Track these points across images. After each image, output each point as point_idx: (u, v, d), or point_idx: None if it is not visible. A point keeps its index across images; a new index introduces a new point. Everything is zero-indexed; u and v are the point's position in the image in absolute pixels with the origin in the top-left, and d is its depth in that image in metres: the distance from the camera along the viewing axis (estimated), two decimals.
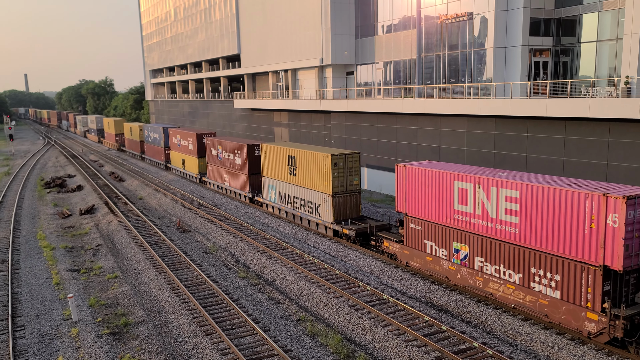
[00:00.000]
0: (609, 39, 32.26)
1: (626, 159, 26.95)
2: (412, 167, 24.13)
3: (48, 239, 35.49)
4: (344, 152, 30.60)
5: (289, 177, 34.50)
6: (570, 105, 28.21)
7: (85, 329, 20.92)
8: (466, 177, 21.28)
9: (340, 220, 30.85)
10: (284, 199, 35.89)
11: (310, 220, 32.98)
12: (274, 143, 37.84)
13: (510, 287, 19.98)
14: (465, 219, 21.57)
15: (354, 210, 31.22)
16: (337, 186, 30.39)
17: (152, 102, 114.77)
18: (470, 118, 35.57)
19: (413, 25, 43.02)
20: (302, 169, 32.89)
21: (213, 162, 47.36)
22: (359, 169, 30.85)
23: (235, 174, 42.95)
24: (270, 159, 36.85)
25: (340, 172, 30.27)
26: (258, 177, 40.87)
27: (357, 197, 31.17)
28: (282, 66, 59.41)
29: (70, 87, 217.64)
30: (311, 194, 32.32)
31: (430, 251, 23.69)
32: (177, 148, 57.50)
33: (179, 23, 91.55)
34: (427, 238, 23.77)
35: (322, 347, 19.02)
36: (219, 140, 45.52)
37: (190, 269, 27.87)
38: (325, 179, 30.61)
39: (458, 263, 22.25)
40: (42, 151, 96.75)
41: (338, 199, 30.56)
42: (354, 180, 30.78)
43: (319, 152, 31.29)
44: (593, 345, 17.63)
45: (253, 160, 40.54)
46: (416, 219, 24.22)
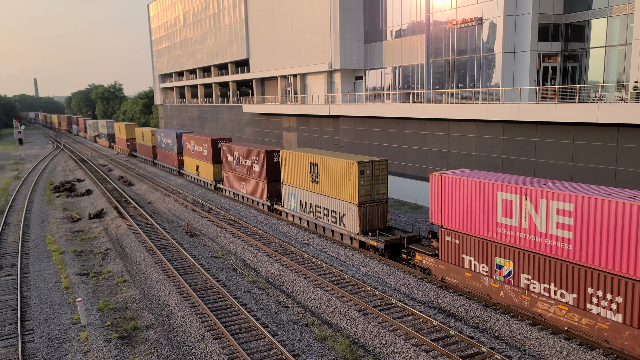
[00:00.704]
0: (618, 45, 32.14)
1: (635, 164, 26.79)
2: (448, 176, 22.54)
3: (57, 243, 35.76)
4: (370, 159, 29.04)
5: (311, 185, 33.10)
6: (578, 110, 28.11)
7: (94, 333, 21.05)
8: (511, 187, 19.71)
9: (366, 230, 29.26)
10: (305, 208, 34.45)
11: (334, 230, 31.49)
12: (295, 149, 36.48)
13: (562, 308, 18.44)
14: (510, 233, 20.03)
15: (381, 221, 29.65)
16: (364, 195, 28.83)
17: (161, 106, 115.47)
18: (479, 123, 35.51)
19: (422, 30, 43.06)
20: (325, 177, 31.51)
21: (229, 169, 46.15)
22: (386, 176, 29.32)
23: (253, 181, 41.61)
24: (290, 166, 35.43)
25: (367, 180, 28.73)
26: (277, 185, 39.40)
27: (384, 207, 29.60)
28: (291, 71, 59.62)
29: (80, 92, 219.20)
30: (335, 203, 30.88)
31: (469, 266, 22.08)
32: (191, 154, 56.32)
33: (188, 28, 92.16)
34: (465, 252, 22.15)
35: (330, 351, 19.03)
36: (236, 146, 44.18)
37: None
38: (350, 188, 29.14)
39: (501, 280, 20.65)
40: (51, 155, 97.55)
41: (364, 208, 28.98)
42: (381, 189, 29.18)
43: (344, 159, 29.81)
44: (602, 350, 17.52)
45: (272, 167, 39.08)
46: (453, 232, 22.62)
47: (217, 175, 50.62)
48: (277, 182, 39.33)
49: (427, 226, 33.90)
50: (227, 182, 47.14)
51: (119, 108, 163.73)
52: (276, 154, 39.04)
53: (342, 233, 30.87)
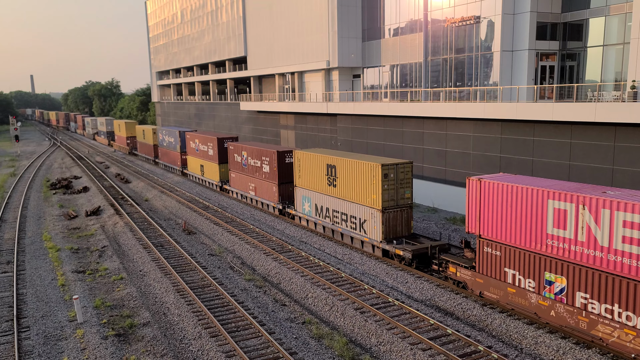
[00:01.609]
0: (616, 44, 32.16)
1: (632, 164, 26.84)
2: (488, 181, 20.66)
3: (53, 240, 35.66)
4: (394, 162, 27.17)
5: (328, 189, 31.14)
6: (576, 109, 28.13)
7: (91, 331, 21.00)
8: (565, 195, 17.87)
9: (390, 238, 27.34)
10: (321, 213, 32.41)
11: (354, 237, 29.57)
12: (310, 150, 34.32)
13: (629, 333, 16.54)
14: (563, 246, 18.17)
15: (405, 227, 27.76)
16: (387, 200, 26.93)
17: (158, 103, 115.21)
18: (477, 122, 35.52)
19: (420, 28, 43.03)
20: (344, 180, 29.58)
21: (236, 169, 44.03)
22: (411, 180, 27.45)
23: (263, 183, 39.51)
24: (304, 168, 33.47)
25: (391, 184, 26.87)
26: (288, 187, 37.36)
27: (409, 212, 27.73)
28: (289, 69, 59.53)
29: (77, 89, 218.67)
30: (355, 207, 28.96)
31: (512, 281, 20.20)
32: (195, 153, 54.08)
33: (185, 25, 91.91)
34: (508, 265, 20.28)
35: (328, 349, 19.02)
36: (244, 146, 41.99)
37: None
38: (373, 192, 27.25)
39: (551, 297, 18.82)
40: (47, 152, 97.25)
41: (388, 214, 27.07)
42: (405, 193, 27.32)
43: (365, 161, 27.79)
44: (598, 349, 17.54)
45: (283, 168, 37.03)
46: (494, 243, 20.71)
47: (224, 175, 48.63)
48: (289, 185, 37.36)
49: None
50: (234, 183, 45.15)
51: (116, 105, 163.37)
52: (288, 155, 37.16)
53: (362, 240, 28.99)
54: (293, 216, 36.72)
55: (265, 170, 38.95)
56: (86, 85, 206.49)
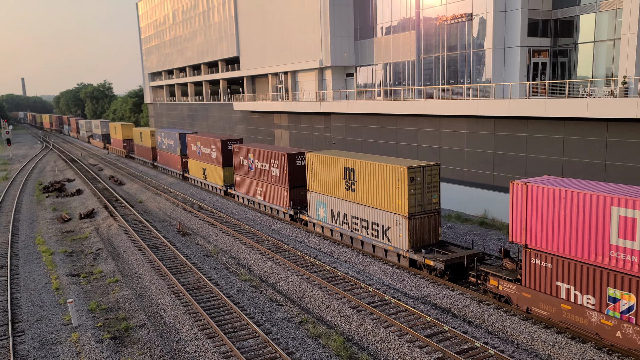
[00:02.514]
0: (607, 40, 32.33)
1: (624, 159, 27.00)
2: (537, 185, 18.74)
3: (47, 243, 35.46)
4: (421, 164, 25.24)
5: (346, 193, 29.22)
6: (568, 105, 28.26)
7: (86, 334, 20.89)
8: (634, 202, 15.89)
9: (417, 246, 25.36)
10: (337, 219, 30.46)
11: (376, 245, 27.63)
12: (324, 152, 32.27)
13: None
14: (632, 259, 16.28)
15: (433, 235, 25.74)
16: (414, 205, 24.95)
17: (151, 105, 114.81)
18: (470, 119, 35.61)
19: (412, 26, 43.08)
20: (364, 184, 27.62)
21: (242, 173, 41.91)
22: (438, 183, 25.56)
23: (272, 187, 37.43)
24: (319, 171, 31.52)
25: (418, 188, 24.88)
26: (300, 191, 35.32)
27: (437, 218, 25.74)
28: (282, 68, 59.47)
29: (68, 91, 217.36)
30: (377, 214, 27.02)
31: (566, 297, 18.29)
32: (197, 156, 51.72)
33: (177, 26, 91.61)
34: (562, 279, 18.38)
35: (325, 348, 19.02)
36: (251, 148, 39.92)
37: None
38: (398, 197, 25.29)
39: (617, 317, 16.84)
40: (40, 155, 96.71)
41: (415, 221, 25.06)
42: (432, 198, 25.41)
43: (388, 163, 25.89)
44: (593, 344, 17.64)
45: (295, 171, 35.10)
46: (543, 254, 18.82)
47: (228, 179, 46.26)
48: (301, 189, 35.27)
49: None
50: (239, 187, 43.05)
51: (109, 107, 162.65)
52: (300, 157, 35.27)
53: (386, 249, 26.96)
54: (306, 222, 34.82)
55: (274, 174, 36.93)
56: (78, 87, 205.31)
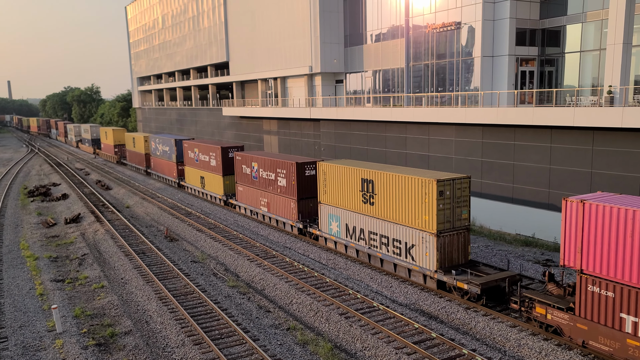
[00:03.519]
0: (593, 50, 32.78)
1: (610, 167, 27.31)
2: (597, 203, 16.78)
3: (31, 248, 34.99)
4: (450, 176, 23.27)
5: (363, 207, 27.19)
6: (555, 113, 28.57)
7: (70, 340, 20.60)
8: None
9: (445, 266, 23.32)
10: (353, 234, 28.40)
11: (398, 264, 25.46)
12: (338, 162, 30.30)
13: None
14: None
15: (462, 254, 23.73)
16: (443, 222, 22.95)
17: (139, 109, 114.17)
18: (459, 126, 35.84)
19: (401, 34, 43.35)
20: (384, 197, 25.58)
21: (245, 182, 39.56)
22: (468, 197, 23.65)
23: (278, 198, 35.23)
24: (332, 182, 29.44)
25: (447, 202, 22.93)
26: (309, 203, 33.29)
27: (466, 236, 23.77)
28: (271, 74, 59.48)
29: (55, 94, 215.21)
30: (399, 230, 24.98)
31: (633, 331, 16.30)
32: (195, 164, 49.28)
33: (166, 30, 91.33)
34: (627, 311, 16.39)
35: (313, 355, 18.93)
36: (255, 156, 37.67)
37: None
38: (424, 212, 23.30)
39: None
40: (25, 159, 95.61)
41: (443, 238, 23.04)
42: (462, 214, 23.53)
43: (414, 175, 23.94)
44: (579, 350, 17.74)
45: (304, 181, 33.00)
46: (604, 280, 16.88)
47: (228, 188, 43.92)
48: (310, 200, 33.26)
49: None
50: (242, 197, 40.66)
51: (96, 111, 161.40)
52: (309, 167, 33.16)
53: (410, 268, 24.83)
54: (316, 237, 32.59)
55: (281, 184, 34.67)
56: (65, 90, 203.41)
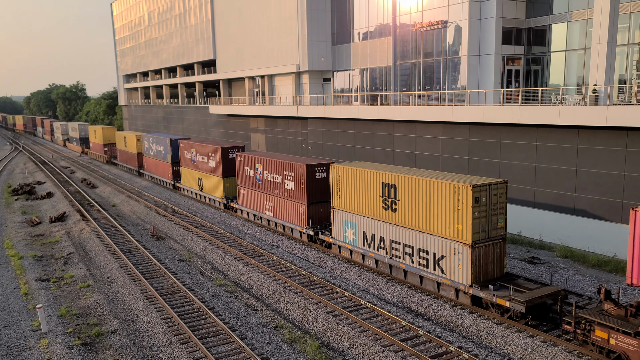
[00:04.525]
0: (578, 49, 33.14)
1: (594, 165, 27.64)
2: None
3: (16, 247, 34.56)
4: (486, 181, 21.21)
5: (384, 213, 25.09)
6: (541, 112, 28.83)
7: (56, 340, 20.40)
8: None
9: (480, 280, 21.32)
10: (372, 243, 26.28)
11: (424, 277, 23.34)
12: (354, 164, 28.39)
13: None
14: None
15: (498, 266, 21.72)
16: (478, 231, 20.97)
17: (125, 107, 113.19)
18: (445, 125, 36.03)
19: (389, 32, 43.46)
20: (409, 203, 23.48)
21: (248, 185, 37.45)
22: (505, 204, 21.66)
23: (285, 203, 33.17)
24: (347, 186, 27.35)
25: (483, 210, 20.96)
26: (319, 208, 31.38)
27: (502, 246, 21.77)
28: (259, 72, 59.30)
29: (40, 92, 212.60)
30: (426, 239, 22.90)
31: None
32: (192, 164, 46.91)
33: (153, 28, 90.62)
34: None
35: (300, 353, 18.93)
36: (259, 158, 35.59)
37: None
38: (457, 220, 21.26)
39: None
40: (9, 157, 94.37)
41: (479, 250, 21.06)
42: (498, 222, 21.59)
43: (445, 180, 21.78)
44: (564, 347, 17.95)
45: (314, 185, 31.10)
46: None
47: (229, 191, 41.63)
48: (321, 205, 31.35)
49: None
50: (244, 201, 38.43)
51: (82, 109, 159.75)
52: (320, 169, 31.16)
53: (439, 282, 22.72)
54: (329, 244, 30.45)
55: (288, 188, 32.69)
56: (49, 88, 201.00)
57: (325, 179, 31.14)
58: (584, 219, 28.47)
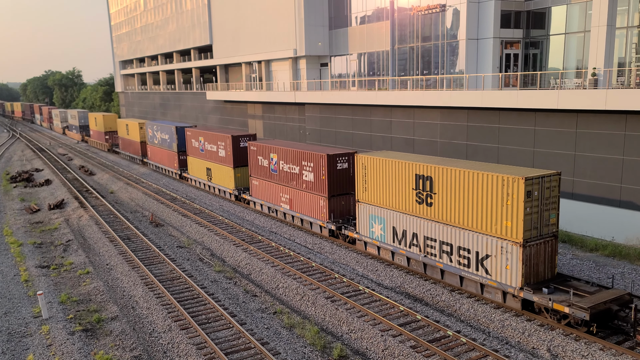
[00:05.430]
0: (577, 32, 32.90)
1: (593, 150, 27.63)
2: None
3: (15, 234, 34.60)
4: (539, 173, 19.38)
5: (417, 208, 23.19)
6: (539, 96, 28.73)
7: (57, 326, 20.52)
8: None
9: (531, 282, 19.54)
10: (403, 239, 24.38)
11: (465, 277, 21.55)
12: (382, 154, 26.20)
13: None
14: None
15: (549, 266, 20.10)
16: (530, 228, 19.20)
17: (122, 93, 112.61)
18: (443, 110, 35.92)
19: (386, 16, 43.09)
20: (447, 197, 21.63)
21: (261, 176, 35.69)
22: (558, 198, 19.96)
23: (303, 195, 31.35)
24: (375, 178, 25.45)
25: (535, 205, 19.19)
26: (341, 201, 29.60)
27: (554, 245, 20.07)
28: (256, 57, 58.89)
29: (36, 78, 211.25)
30: (467, 236, 21.07)
31: None
32: (199, 154, 45.23)
33: (148, 13, 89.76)
34: None
35: (299, 338, 19.08)
36: (274, 147, 33.79)
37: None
38: (505, 217, 19.47)
39: None
40: (6, 144, 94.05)
41: (530, 249, 19.28)
42: (550, 218, 19.89)
43: (491, 172, 19.89)
44: (561, 330, 18.10)
45: (335, 176, 29.29)
46: None
47: (240, 182, 39.85)
48: (343, 198, 29.63)
49: None
50: (257, 192, 36.72)
51: (78, 95, 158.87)
52: (341, 159, 29.30)
53: (483, 283, 20.96)
54: (353, 240, 28.61)
55: (307, 179, 30.90)
56: (46, 74, 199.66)
57: (347, 170, 29.48)
58: (582, 204, 28.53)
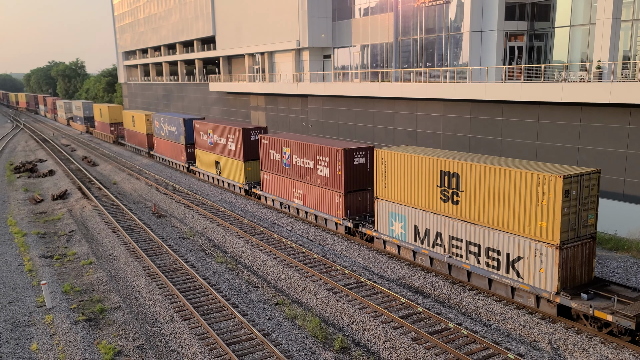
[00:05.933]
0: (582, 24, 32.68)
1: (596, 143, 27.54)
2: None
3: (19, 225, 34.76)
4: (578, 171, 18.20)
5: (442, 206, 22.14)
6: (543, 89, 28.61)
7: (60, 316, 20.66)
8: None
9: (567, 287, 18.48)
10: (425, 239, 23.33)
11: (495, 280, 20.44)
12: (403, 148, 25.17)
13: None
14: None
15: (586, 269, 18.96)
16: (567, 230, 18.07)
17: (125, 84, 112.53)
18: (447, 102, 35.81)
19: (390, 8, 42.87)
20: (475, 195, 20.52)
21: (273, 170, 34.60)
22: (596, 197, 18.74)
23: (318, 191, 30.41)
24: (395, 174, 24.32)
25: (573, 205, 18.05)
26: (357, 197, 28.61)
27: (591, 247, 18.94)
28: (259, 49, 58.74)
29: (39, 69, 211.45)
30: (498, 237, 19.94)
31: None
32: (208, 146, 44.20)
33: (152, 4, 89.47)
34: None
35: (301, 329, 19.18)
36: (287, 140, 32.66)
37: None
38: (540, 217, 18.34)
39: None
40: (10, 135, 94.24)
41: (567, 251, 18.19)
42: (589, 218, 18.72)
43: (525, 169, 18.72)
44: (563, 323, 18.14)
45: (352, 171, 28.28)
46: None
47: (251, 176, 38.87)
48: (360, 194, 28.67)
49: None
50: (268, 187, 35.64)
51: (82, 86, 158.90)
52: (358, 153, 28.29)
53: (514, 287, 19.77)
54: (371, 238, 27.67)
55: (322, 174, 29.92)
56: (49, 65, 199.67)
57: (364, 165, 28.49)
58: None
